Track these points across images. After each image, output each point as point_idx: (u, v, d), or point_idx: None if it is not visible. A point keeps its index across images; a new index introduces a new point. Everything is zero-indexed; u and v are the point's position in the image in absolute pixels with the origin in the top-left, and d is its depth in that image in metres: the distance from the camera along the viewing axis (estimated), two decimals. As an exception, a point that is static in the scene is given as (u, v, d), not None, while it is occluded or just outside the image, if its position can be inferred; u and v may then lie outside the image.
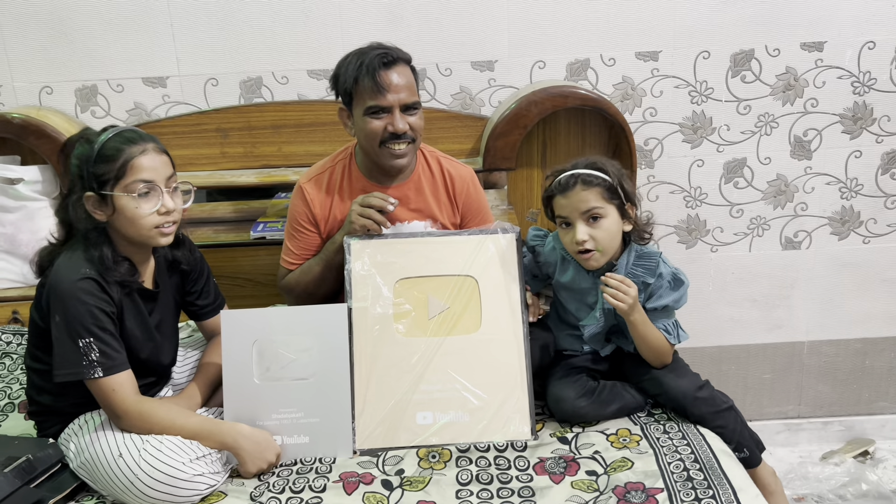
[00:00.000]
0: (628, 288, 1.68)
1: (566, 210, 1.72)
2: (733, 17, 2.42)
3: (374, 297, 1.77)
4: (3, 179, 2.30)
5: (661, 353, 1.76)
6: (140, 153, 1.55)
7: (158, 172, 1.57)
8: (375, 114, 1.81)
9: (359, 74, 1.79)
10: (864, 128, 2.55)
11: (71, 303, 1.52)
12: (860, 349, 2.78)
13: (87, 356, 1.52)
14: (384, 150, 1.84)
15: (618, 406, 1.75)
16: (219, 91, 2.44)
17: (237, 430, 1.60)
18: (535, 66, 2.45)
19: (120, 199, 1.55)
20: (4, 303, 2.32)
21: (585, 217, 1.70)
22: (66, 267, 1.56)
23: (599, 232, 1.70)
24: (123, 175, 1.54)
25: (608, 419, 1.75)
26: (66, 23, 2.36)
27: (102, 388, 1.54)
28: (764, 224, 2.64)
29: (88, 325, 1.52)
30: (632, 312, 1.69)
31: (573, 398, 1.73)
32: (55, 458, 1.60)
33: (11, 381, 2.04)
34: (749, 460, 1.73)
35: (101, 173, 1.54)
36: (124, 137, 1.56)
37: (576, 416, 1.73)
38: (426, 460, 1.63)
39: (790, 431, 2.86)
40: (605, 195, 1.70)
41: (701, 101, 2.50)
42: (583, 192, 1.70)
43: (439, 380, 1.72)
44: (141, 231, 1.58)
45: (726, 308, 2.73)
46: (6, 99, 2.43)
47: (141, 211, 1.56)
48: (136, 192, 1.55)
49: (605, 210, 1.70)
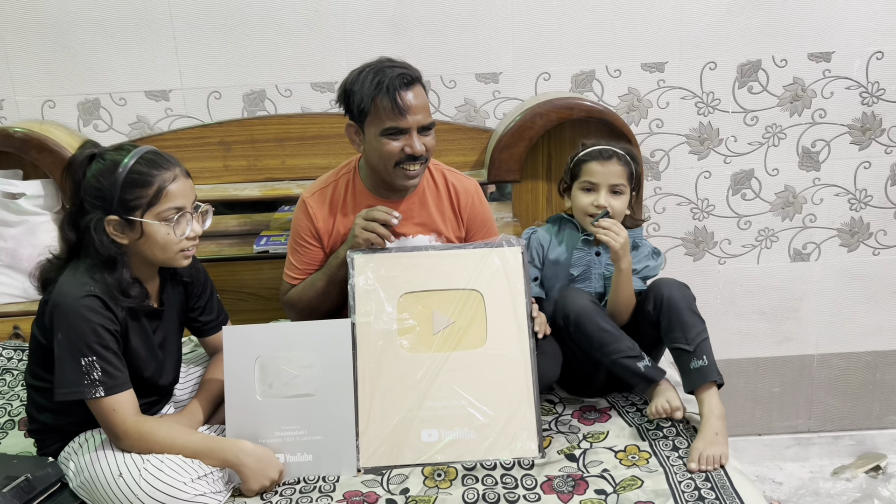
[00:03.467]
0: (620, 230, 1.81)
1: (598, 176, 1.89)
2: (740, 28, 2.40)
3: (378, 312, 1.74)
4: (5, 194, 2.29)
5: (630, 311, 1.89)
6: (173, 179, 1.55)
7: (188, 198, 1.59)
8: (393, 135, 1.78)
9: (377, 94, 1.76)
10: (873, 138, 2.52)
11: (74, 321, 1.50)
12: (871, 362, 2.75)
13: (90, 375, 1.50)
14: (398, 171, 1.82)
15: (614, 330, 1.78)
16: (222, 104, 2.43)
17: (239, 447, 1.57)
18: (540, 78, 2.43)
19: (150, 226, 1.54)
20: (5, 318, 2.31)
21: (611, 188, 1.89)
22: (69, 284, 1.54)
23: (618, 203, 1.90)
24: (157, 202, 1.53)
25: (600, 340, 1.75)
26: (68, 36, 2.35)
27: (103, 408, 1.52)
28: (772, 236, 2.62)
29: (91, 344, 1.50)
30: (623, 256, 1.82)
31: (584, 298, 1.82)
32: (54, 478, 1.58)
33: (12, 398, 2.02)
34: (705, 371, 1.72)
35: (130, 199, 1.52)
36: (153, 162, 1.55)
37: (581, 313, 1.79)
38: (431, 479, 1.60)
39: (800, 446, 2.82)
40: (629, 178, 1.92)
41: (707, 112, 2.48)
42: (618, 167, 1.90)
43: (444, 396, 1.69)
44: (168, 255, 1.59)
45: (734, 321, 2.70)
46: (9, 113, 2.42)
47: (172, 237, 1.56)
48: (168, 218, 1.54)
49: (626, 189, 1.92)
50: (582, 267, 1.96)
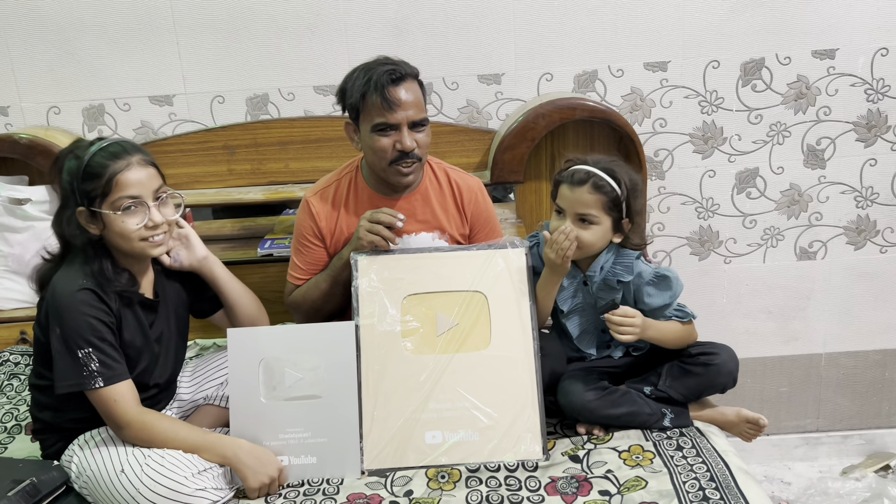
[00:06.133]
0: (630, 318, 1.69)
1: (565, 202, 1.74)
2: (743, 26, 2.39)
3: (382, 314, 1.74)
4: (11, 200, 2.31)
5: (686, 338, 1.78)
6: (125, 167, 1.54)
7: (144, 186, 1.57)
8: (383, 131, 1.79)
9: (366, 90, 1.77)
10: (878, 135, 2.51)
11: (69, 314, 1.52)
12: (879, 360, 2.73)
13: (87, 366, 1.52)
14: (392, 168, 1.83)
15: (628, 410, 1.71)
16: (225, 108, 2.44)
17: (237, 444, 1.59)
18: (543, 79, 2.43)
19: (107, 216, 1.55)
20: (12, 323, 2.32)
21: (578, 217, 1.73)
22: (63, 280, 1.56)
23: (586, 234, 1.73)
24: (109, 192, 1.54)
25: (617, 422, 1.72)
26: (72, 42, 2.36)
27: (104, 399, 1.54)
28: (778, 234, 2.60)
29: (87, 336, 1.52)
30: (644, 334, 1.71)
31: (582, 390, 1.71)
32: (60, 481, 1.59)
33: (19, 403, 2.03)
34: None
35: (88, 190, 1.54)
36: (109, 152, 1.55)
37: (584, 410, 1.71)
38: (435, 481, 1.60)
39: (809, 446, 2.80)
40: (607, 206, 1.72)
41: (711, 110, 2.47)
42: (587, 195, 1.71)
43: (448, 398, 1.69)
44: (131, 245, 1.58)
45: (741, 320, 2.68)
46: (14, 119, 2.43)
47: (127, 226, 1.56)
48: (121, 207, 1.54)
49: (599, 219, 1.72)
50: (570, 300, 1.82)
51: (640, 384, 1.77)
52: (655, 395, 1.74)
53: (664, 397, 1.74)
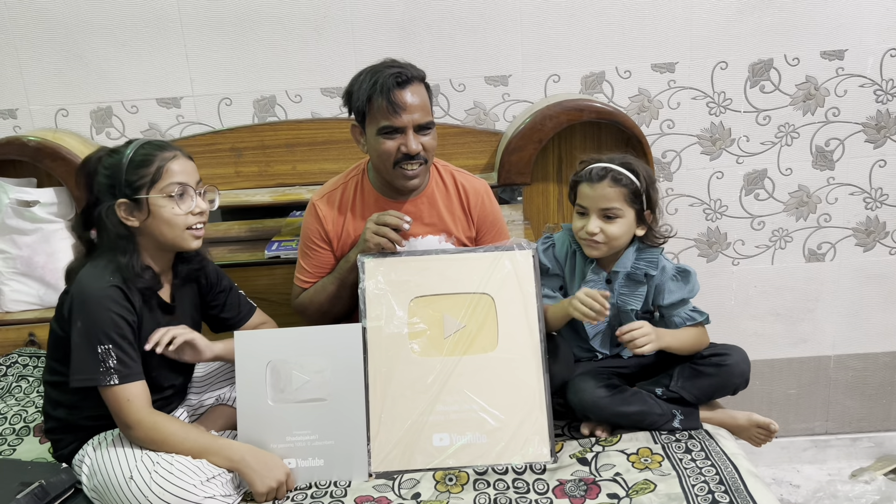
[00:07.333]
0: (640, 330, 1.70)
1: (587, 201, 1.76)
2: (751, 27, 2.38)
3: (389, 317, 1.74)
4: (19, 202, 2.31)
5: (699, 343, 1.80)
6: (173, 157, 1.63)
7: (190, 176, 1.65)
8: (388, 134, 1.79)
9: (372, 93, 1.77)
10: (888, 136, 2.49)
11: (94, 308, 1.55)
12: (889, 363, 2.71)
13: (105, 362, 1.54)
14: (397, 171, 1.82)
15: (638, 409, 1.71)
16: (232, 110, 2.44)
17: (245, 449, 1.60)
18: (550, 80, 2.43)
19: (156, 202, 1.60)
20: (21, 325, 2.32)
21: (602, 213, 1.75)
22: (91, 275, 1.59)
23: (611, 228, 1.75)
24: (159, 178, 1.61)
25: (627, 421, 1.72)
26: (80, 45, 2.37)
27: (117, 397, 1.55)
28: (786, 236, 2.59)
29: (109, 332, 1.54)
30: (660, 343, 1.72)
31: (593, 387, 1.72)
32: (68, 483, 1.59)
33: (27, 405, 2.03)
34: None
35: (134, 179, 1.60)
36: (154, 145, 1.65)
37: (595, 408, 1.71)
38: (443, 483, 1.60)
39: (818, 448, 2.79)
40: (629, 198, 1.75)
41: (719, 112, 2.46)
42: (609, 189, 1.74)
43: (456, 400, 1.68)
44: (175, 232, 1.63)
45: (749, 322, 2.67)
46: (22, 122, 2.44)
47: (177, 211, 1.62)
48: (171, 193, 1.60)
49: (623, 212, 1.75)
50: None
51: (651, 385, 1.77)
52: (667, 397, 1.74)
53: (675, 399, 1.74)
